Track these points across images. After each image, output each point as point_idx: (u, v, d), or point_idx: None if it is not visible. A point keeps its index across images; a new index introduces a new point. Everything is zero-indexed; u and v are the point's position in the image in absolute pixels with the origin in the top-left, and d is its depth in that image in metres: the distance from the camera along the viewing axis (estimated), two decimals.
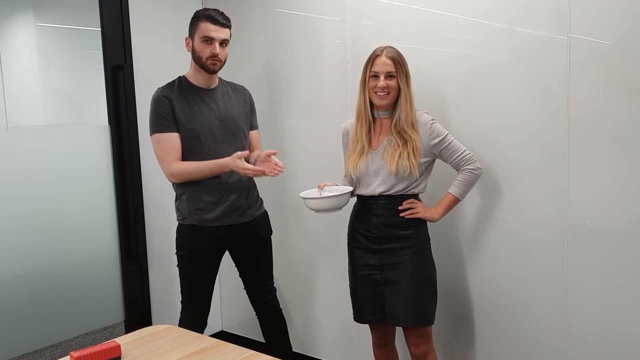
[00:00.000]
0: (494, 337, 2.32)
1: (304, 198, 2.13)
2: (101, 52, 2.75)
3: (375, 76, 2.06)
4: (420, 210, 2.10)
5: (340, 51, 2.63)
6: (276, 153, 2.24)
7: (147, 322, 2.91)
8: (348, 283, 2.25)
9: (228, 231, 2.35)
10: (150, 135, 2.31)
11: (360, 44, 2.51)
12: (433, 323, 2.13)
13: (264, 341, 2.60)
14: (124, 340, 1.83)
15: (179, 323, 2.38)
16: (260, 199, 2.50)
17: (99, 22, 2.73)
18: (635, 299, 1.95)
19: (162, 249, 2.96)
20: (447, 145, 2.08)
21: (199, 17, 2.27)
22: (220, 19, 2.25)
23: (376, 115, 2.14)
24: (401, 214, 2.10)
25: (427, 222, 2.16)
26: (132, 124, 2.82)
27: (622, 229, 1.96)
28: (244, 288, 2.53)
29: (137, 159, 2.85)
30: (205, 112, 2.31)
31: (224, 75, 2.45)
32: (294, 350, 2.68)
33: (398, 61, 2.06)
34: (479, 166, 2.10)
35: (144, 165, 2.87)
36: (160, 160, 2.29)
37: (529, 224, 2.16)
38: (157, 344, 1.80)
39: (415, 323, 2.10)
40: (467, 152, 2.09)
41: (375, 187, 2.11)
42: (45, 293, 2.57)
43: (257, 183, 2.48)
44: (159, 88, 2.32)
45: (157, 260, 2.99)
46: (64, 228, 2.64)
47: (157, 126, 2.28)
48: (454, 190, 2.10)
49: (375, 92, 2.07)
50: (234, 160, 2.18)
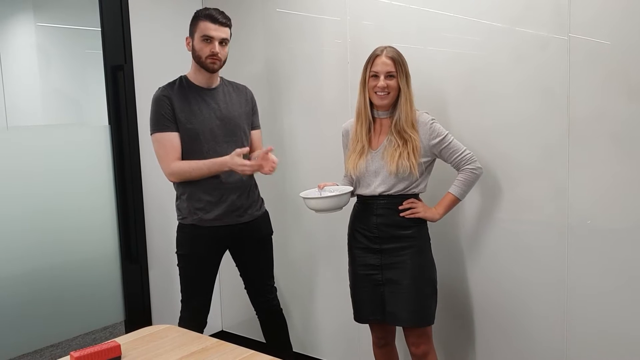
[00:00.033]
0: (494, 337, 2.32)
1: (304, 198, 2.13)
2: (101, 52, 2.75)
3: (375, 76, 2.06)
4: (420, 210, 2.10)
5: (340, 51, 2.63)
6: (272, 149, 2.23)
7: (147, 322, 2.91)
8: (348, 283, 2.25)
9: (227, 231, 2.35)
10: (151, 134, 2.31)
11: (360, 44, 2.51)
12: (433, 323, 2.13)
13: (264, 341, 2.60)
14: (124, 340, 1.83)
15: (179, 322, 2.39)
16: (261, 198, 2.50)
17: (99, 22, 2.73)
18: (635, 299, 1.95)
19: (162, 248, 2.96)
20: (447, 145, 2.08)
21: (199, 16, 2.27)
22: (219, 18, 2.25)
23: (376, 115, 2.14)
24: (401, 214, 2.10)
25: (428, 222, 2.17)
26: (132, 124, 2.82)
27: (622, 229, 1.96)
28: (245, 288, 2.53)
29: (137, 159, 2.85)
30: (205, 111, 2.31)
31: (223, 75, 2.45)
32: (294, 350, 2.68)
33: (398, 61, 2.06)
34: (479, 166, 2.10)
35: (144, 165, 2.87)
36: (160, 159, 2.30)
37: (529, 224, 2.16)
38: (157, 343, 1.81)
39: (415, 323, 2.10)
40: (467, 151, 2.09)
41: (375, 187, 2.11)
42: (45, 293, 2.57)
43: (257, 183, 2.49)
44: (160, 88, 2.32)
45: (157, 260, 2.99)
46: (64, 228, 2.64)
47: (157, 126, 2.28)
48: (454, 190, 2.10)
49: (375, 92, 2.07)
50: (232, 157, 2.19)
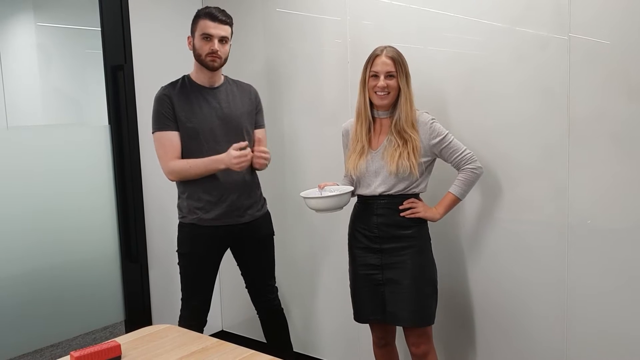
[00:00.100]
0: (494, 337, 2.32)
1: (305, 198, 2.12)
2: (101, 51, 2.75)
3: (375, 76, 2.06)
4: (420, 209, 2.10)
5: (340, 51, 2.63)
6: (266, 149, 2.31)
7: (147, 321, 2.91)
8: (348, 283, 2.25)
9: (228, 231, 2.35)
10: (152, 133, 2.32)
11: (360, 43, 2.51)
12: (433, 323, 2.13)
13: (265, 341, 2.60)
14: (124, 340, 1.83)
15: (179, 320, 2.39)
16: (264, 198, 2.49)
17: (99, 21, 2.73)
18: (635, 299, 1.95)
19: (162, 248, 2.96)
20: (448, 144, 2.08)
21: (199, 15, 2.28)
22: (219, 16, 2.25)
23: (376, 115, 2.14)
24: (402, 214, 2.10)
25: (428, 222, 2.17)
26: (132, 124, 2.82)
27: (622, 229, 1.96)
28: (246, 287, 2.52)
29: (137, 158, 2.85)
30: (205, 110, 2.31)
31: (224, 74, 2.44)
32: (294, 350, 2.68)
33: (398, 61, 2.06)
34: (480, 165, 2.10)
35: (144, 164, 2.87)
36: (159, 158, 2.31)
37: (529, 223, 2.16)
38: (157, 343, 1.80)
39: (415, 323, 2.10)
40: (468, 151, 2.09)
41: (375, 187, 2.11)
42: (45, 293, 2.57)
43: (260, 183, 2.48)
44: (162, 87, 2.33)
45: (157, 259, 2.99)
46: (64, 228, 2.64)
47: (157, 124, 2.29)
48: (454, 189, 2.10)
49: (375, 92, 2.07)
50: (228, 153, 2.19)
